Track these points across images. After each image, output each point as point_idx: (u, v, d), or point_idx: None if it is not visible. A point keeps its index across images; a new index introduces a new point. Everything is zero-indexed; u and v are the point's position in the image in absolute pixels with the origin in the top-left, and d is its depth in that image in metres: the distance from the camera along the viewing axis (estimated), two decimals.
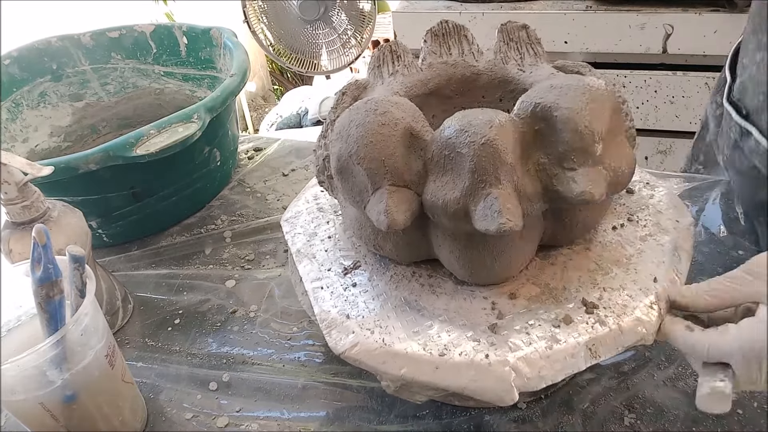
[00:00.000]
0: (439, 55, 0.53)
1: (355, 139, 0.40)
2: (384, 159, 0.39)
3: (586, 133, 0.37)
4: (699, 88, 1.33)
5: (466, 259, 0.42)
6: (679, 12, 1.25)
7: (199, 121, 0.64)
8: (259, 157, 0.89)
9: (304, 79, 2.68)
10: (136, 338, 0.60)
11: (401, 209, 0.39)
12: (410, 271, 0.46)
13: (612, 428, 0.46)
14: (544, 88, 0.39)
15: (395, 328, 0.42)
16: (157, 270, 0.68)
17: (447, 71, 0.52)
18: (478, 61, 0.53)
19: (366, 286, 0.46)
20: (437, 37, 0.53)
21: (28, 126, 0.82)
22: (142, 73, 0.90)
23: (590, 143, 0.37)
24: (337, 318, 0.43)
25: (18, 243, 0.50)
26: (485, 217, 0.36)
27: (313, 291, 0.47)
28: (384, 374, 0.40)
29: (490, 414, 0.48)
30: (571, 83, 0.39)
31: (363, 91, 0.52)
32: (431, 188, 0.39)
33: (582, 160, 0.38)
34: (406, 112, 0.41)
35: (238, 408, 0.51)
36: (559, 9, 1.34)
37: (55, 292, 0.41)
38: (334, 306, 0.45)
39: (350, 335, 0.42)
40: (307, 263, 0.49)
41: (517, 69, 0.51)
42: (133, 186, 0.68)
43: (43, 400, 0.41)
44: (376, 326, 0.42)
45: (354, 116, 0.41)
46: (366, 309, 0.44)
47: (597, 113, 0.37)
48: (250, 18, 1.54)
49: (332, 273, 0.48)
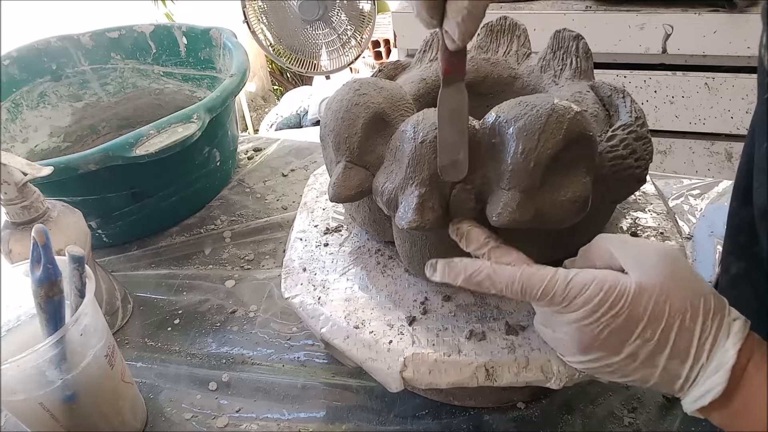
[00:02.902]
0: (485, 50, 0.53)
1: (332, 112, 0.43)
2: (348, 136, 0.41)
3: (524, 155, 0.36)
4: (699, 88, 1.33)
5: (405, 249, 0.44)
6: (679, 12, 1.25)
7: (198, 122, 0.64)
8: (258, 157, 0.89)
9: (303, 79, 2.68)
10: (136, 338, 0.60)
11: (348, 186, 0.41)
12: (376, 248, 0.50)
13: (612, 428, 0.46)
14: (514, 102, 0.38)
15: (334, 291, 0.46)
16: (157, 270, 0.68)
17: (485, 69, 0.52)
18: (519, 65, 0.52)
19: (334, 249, 0.51)
20: (491, 33, 0.53)
21: (27, 126, 0.82)
22: (142, 73, 0.90)
23: (525, 167, 0.36)
24: (296, 268, 0.49)
25: (18, 243, 0.50)
26: (402, 211, 0.37)
27: (293, 239, 0.52)
28: (311, 328, 0.44)
29: (490, 414, 0.48)
30: (537, 103, 0.37)
31: (401, 71, 0.54)
32: (380, 174, 0.41)
33: (515, 183, 0.36)
34: (386, 98, 0.42)
35: (238, 408, 0.51)
36: (559, 9, 1.34)
37: (54, 292, 0.41)
38: (300, 257, 0.50)
39: (298, 286, 0.47)
40: (304, 216, 0.55)
41: (551, 80, 0.49)
42: (133, 186, 0.68)
43: (43, 400, 0.41)
44: (320, 285, 0.47)
45: (341, 91, 0.43)
46: (322, 268, 0.49)
47: (546, 138, 0.35)
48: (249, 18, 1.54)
49: (317, 229, 0.53)
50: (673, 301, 0.31)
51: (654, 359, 0.31)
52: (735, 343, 0.30)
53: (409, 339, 0.41)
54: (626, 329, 0.31)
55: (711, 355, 0.30)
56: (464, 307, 0.43)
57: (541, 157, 0.35)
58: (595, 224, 0.43)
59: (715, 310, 0.31)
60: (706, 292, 0.31)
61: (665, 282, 0.31)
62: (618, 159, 0.40)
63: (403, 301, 0.44)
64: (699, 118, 1.36)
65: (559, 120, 0.35)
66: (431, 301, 0.44)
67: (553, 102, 0.36)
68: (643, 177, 0.42)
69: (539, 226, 0.37)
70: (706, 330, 0.30)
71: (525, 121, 0.36)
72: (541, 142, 0.35)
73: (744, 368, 0.30)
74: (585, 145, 0.37)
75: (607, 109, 0.46)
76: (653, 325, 0.31)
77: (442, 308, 0.44)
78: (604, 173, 0.40)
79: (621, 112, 0.44)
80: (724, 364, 0.30)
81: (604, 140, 0.41)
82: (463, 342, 0.40)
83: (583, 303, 0.32)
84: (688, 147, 1.41)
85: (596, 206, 0.41)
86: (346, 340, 0.42)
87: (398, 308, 0.44)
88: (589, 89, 0.47)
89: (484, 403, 0.49)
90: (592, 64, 0.50)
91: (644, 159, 0.41)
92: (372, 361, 0.41)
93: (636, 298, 0.31)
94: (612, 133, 0.42)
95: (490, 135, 0.37)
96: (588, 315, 0.32)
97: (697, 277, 0.32)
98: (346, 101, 0.42)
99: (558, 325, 0.34)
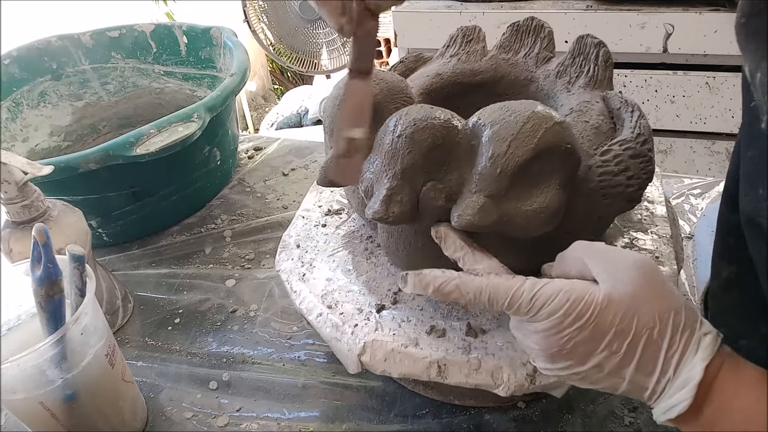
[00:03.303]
0: (507, 50, 0.53)
1: (331, 99, 0.45)
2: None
3: (493, 161, 0.35)
4: (699, 88, 1.32)
5: (384, 239, 0.46)
6: (680, 11, 1.25)
7: (199, 121, 0.64)
8: (259, 156, 0.89)
9: (304, 78, 2.68)
10: (136, 337, 0.60)
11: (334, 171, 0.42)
12: (368, 235, 0.51)
13: (612, 428, 0.46)
14: (497, 106, 0.38)
15: (318, 270, 0.48)
16: (157, 269, 0.68)
17: (504, 69, 0.52)
18: (537, 68, 0.51)
19: (330, 230, 0.53)
20: (516, 32, 0.53)
21: (28, 125, 0.82)
22: (142, 72, 0.90)
23: (492, 172, 0.35)
24: (291, 244, 0.52)
25: (18, 242, 0.50)
26: (371, 201, 0.38)
27: (297, 216, 0.55)
28: (293, 301, 0.47)
29: (490, 413, 0.48)
30: (518, 110, 0.36)
31: (422, 64, 0.55)
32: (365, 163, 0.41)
33: (481, 187, 0.36)
34: (383, 90, 0.43)
35: (238, 407, 0.51)
36: (560, 8, 1.34)
37: (54, 292, 0.41)
38: (297, 234, 0.53)
39: (289, 261, 0.50)
40: (313, 195, 0.58)
41: (564, 87, 0.48)
42: (134, 185, 0.68)
43: (43, 400, 0.41)
44: (308, 263, 0.49)
45: (343, 79, 0.45)
46: (314, 247, 0.51)
47: (517, 145, 0.35)
48: (250, 17, 1.54)
49: (320, 210, 0.55)
50: (642, 314, 0.31)
51: (621, 371, 0.31)
52: (704, 358, 0.30)
53: (374, 325, 0.43)
54: (592, 341, 0.31)
55: (678, 369, 0.30)
56: (433, 302, 0.44)
57: (508, 163, 0.35)
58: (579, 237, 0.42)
59: (686, 324, 0.31)
60: (677, 305, 0.31)
61: (635, 294, 0.31)
62: (607, 175, 0.40)
63: (378, 288, 0.46)
64: (700, 117, 1.36)
65: (534, 128, 0.35)
66: (402, 292, 0.45)
67: (533, 109, 0.36)
68: (636, 197, 0.40)
69: (504, 233, 0.37)
70: (674, 345, 0.30)
71: (500, 126, 0.36)
72: (512, 149, 0.35)
73: (713, 381, 0.30)
74: (559, 156, 0.36)
75: (614, 122, 0.44)
76: (620, 338, 0.31)
77: (412, 300, 0.45)
78: (591, 187, 0.40)
79: (625, 126, 0.42)
80: (691, 379, 0.30)
81: (598, 154, 0.40)
82: (422, 336, 0.41)
83: (548, 314, 0.32)
84: (688, 146, 1.41)
85: (580, 220, 0.40)
86: (318, 317, 0.44)
87: (372, 294, 0.45)
88: (600, 100, 0.46)
89: (484, 403, 0.48)
90: (610, 73, 0.48)
91: (639, 178, 0.40)
92: (336, 341, 0.43)
93: (603, 311, 0.31)
94: (608, 147, 0.40)
95: (471, 137, 0.37)
96: (553, 326, 0.31)
97: (670, 289, 0.32)
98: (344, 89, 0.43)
99: (527, 333, 0.34)
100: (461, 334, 0.41)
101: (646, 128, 0.41)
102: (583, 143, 0.42)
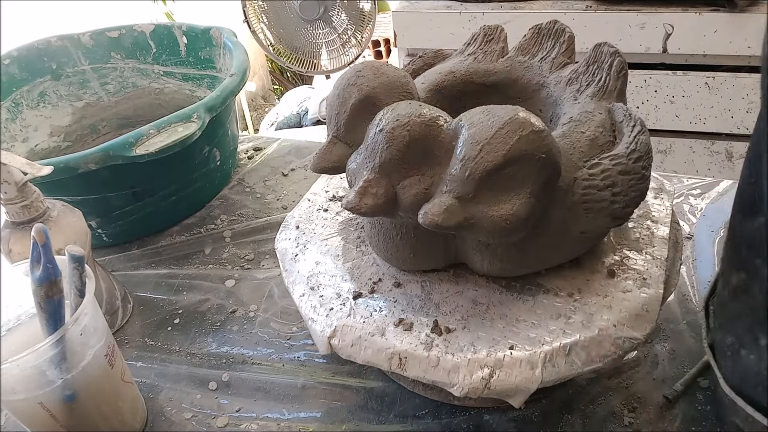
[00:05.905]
0: (524, 53, 0.52)
1: (333, 88, 0.45)
2: (338, 113, 0.44)
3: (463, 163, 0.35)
4: (699, 88, 1.33)
5: (367, 229, 0.47)
6: (680, 12, 1.25)
7: (198, 121, 0.64)
8: (258, 156, 0.89)
9: (304, 78, 2.68)
10: (136, 338, 0.60)
11: (328, 159, 0.44)
12: (363, 224, 0.52)
13: (612, 428, 0.46)
14: (481, 109, 0.37)
15: (310, 253, 0.50)
16: (157, 270, 0.68)
17: (518, 72, 0.51)
18: (551, 73, 0.50)
19: (330, 215, 0.54)
20: (537, 35, 0.52)
21: (27, 126, 0.82)
22: (142, 72, 0.90)
23: (461, 175, 0.35)
24: (292, 224, 0.54)
25: (18, 243, 0.50)
26: (348, 192, 0.39)
27: (304, 198, 0.57)
28: (284, 279, 0.49)
29: (490, 414, 0.48)
30: (499, 114, 0.36)
31: (440, 60, 0.56)
32: (353, 154, 0.42)
33: (450, 188, 0.36)
34: (382, 83, 0.43)
35: (238, 408, 0.51)
36: (559, 9, 1.34)
37: (54, 292, 0.41)
38: (300, 216, 0.54)
39: (287, 240, 0.52)
40: (323, 179, 0.59)
41: (571, 95, 0.47)
42: (133, 186, 0.68)
43: (43, 400, 0.41)
44: (305, 244, 0.51)
45: (346, 71, 0.45)
46: (312, 230, 0.52)
47: (488, 150, 0.35)
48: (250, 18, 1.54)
49: (326, 195, 0.57)
50: None
51: None
52: None
53: (347, 311, 0.44)
54: None
55: None
56: (409, 296, 0.45)
57: (477, 167, 0.35)
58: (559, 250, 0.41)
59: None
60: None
61: None
62: (591, 189, 0.39)
63: (360, 276, 0.47)
64: (699, 117, 1.36)
65: (509, 135, 0.35)
66: (383, 282, 0.46)
67: (512, 116, 0.35)
68: (622, 215, 0.39)
69: (470, 236, 0.37)
70: None
71: (477, 129, 0.36)
72: (482, 154, 0.35)
73: None
74: (534, 165, 0.35)
75: (615, 135, 0.43)
76: None
77: (389, 292, 0.45)
78: (573, 200, 0.39)
79: (623, 141, 0.41)
80: None
81: (587, 167, 0.40)
82: (390, 327, 0.42)
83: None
84: (688, 146, 1.42)
85: (561, 232, 0.40)
86: (301, 297, 0.46)
87: (353, 281, 0.46)
88: (604, 111, 0.44)
89: (484, 403, 0.49)
90: (623, 84, 0.47)
91: (626, 195, 0.39)
92: (312, 322, 0.44)
93: None
94: (598, 161, 0.40)
95: (452, 137, 0.38)
96: None
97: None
98: (345, 80, 0.44)
99: None
100: (427, 330, 0.42)
101: (643, 145, 0.40)
102: (574, 154, 0.41)
